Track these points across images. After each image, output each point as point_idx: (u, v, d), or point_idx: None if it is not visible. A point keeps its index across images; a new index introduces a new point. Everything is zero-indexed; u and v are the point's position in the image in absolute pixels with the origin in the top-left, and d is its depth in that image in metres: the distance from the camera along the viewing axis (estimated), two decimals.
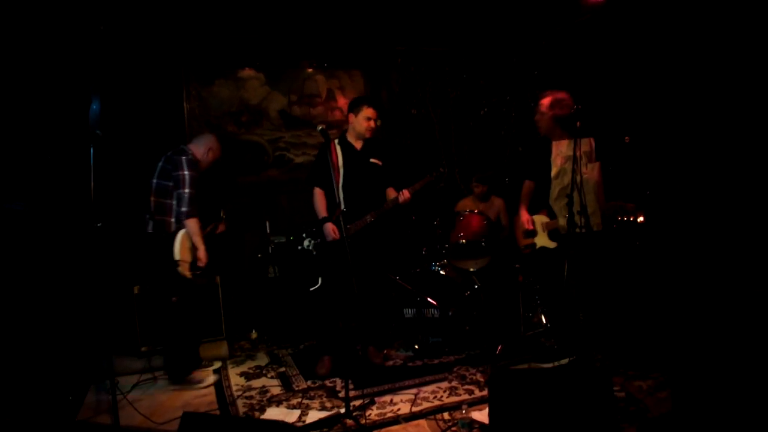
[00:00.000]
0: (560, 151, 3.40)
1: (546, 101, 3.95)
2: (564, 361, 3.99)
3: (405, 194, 4.11)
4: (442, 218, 5.04)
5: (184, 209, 3.88)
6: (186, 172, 3.89)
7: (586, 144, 3.31)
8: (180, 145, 4.08)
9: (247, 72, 5.74)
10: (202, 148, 4.15)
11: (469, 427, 3.04)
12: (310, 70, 5.95)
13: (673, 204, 4.22)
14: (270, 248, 5.21)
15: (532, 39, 6.07)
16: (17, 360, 3.88)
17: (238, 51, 5.66)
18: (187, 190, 3.88)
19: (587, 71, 5.36)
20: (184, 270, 3.92)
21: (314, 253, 4.21)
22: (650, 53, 4.59)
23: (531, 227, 4.12)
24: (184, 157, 3.94)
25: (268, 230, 5.33)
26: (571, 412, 2.53)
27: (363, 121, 4.17)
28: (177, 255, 3.88)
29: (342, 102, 6.09)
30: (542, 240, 4.14)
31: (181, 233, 3.92)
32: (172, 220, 3.92)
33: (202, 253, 3.98)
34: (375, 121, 4.20)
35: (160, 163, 4.00)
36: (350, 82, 6.15)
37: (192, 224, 3.91)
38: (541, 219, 4.16)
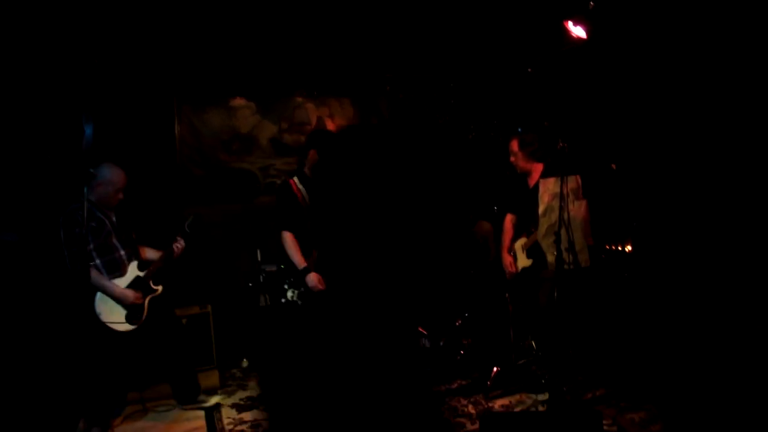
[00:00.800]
0: (547, 188, 3.46)
1: (514, 142, 4.25)
2: (553, 394, 4.02)
3: None
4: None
5: (71, 269, 3.72)
6: (62, 231, 3.72)
7: (573, 181, 3.38)
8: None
9: (238, 101, 5.78)
10: (92, 188, 3.82)
11: None
12: (300, 98, 6.00)
13: (659, 234, 4.29)
14: (261, 277, 5.22)
15: (518, 66, 6.17)
16: (6, 389, 3.86)
17: (229, 80, 5.70)
18: (65, 251, 3.71)
19: (572, 98, 5.47)
20: (123, 328, 3.81)
21: (299, 302, 3.99)
22: (634, 83, 4.69)
23: (513, 270, 4.28)
24: (61, 216, 3.76)
25: (259, 258, 5.34)
26: None
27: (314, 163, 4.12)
28: (103, 317, 3.77)
29: (331, 128, 6.14)
30: (522, 261, 4.27)
31: (96, 296, 3.77)
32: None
33: (126, 296, 3.82)
34: None
35: None
36: (340, 109, 6.20)
37: (92, 277, 3.74)
38: (520, 242, 4.28)
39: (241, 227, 5.69)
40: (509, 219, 4.41)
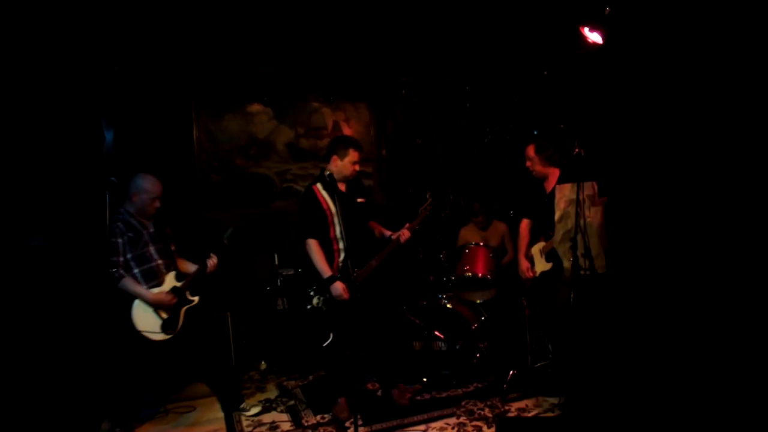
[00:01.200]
0: (563, 194, 3.47)
1: (531, 147, 4.24)
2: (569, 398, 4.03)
3: (405, 234, 4.10)
4: (447, 250, 5.11)
5: (112, 277, 3.81)
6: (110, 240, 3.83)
7: (589, 187, 3.38)
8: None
9: (256, 107, 5.85)
10: (129, 198, 3.97)
11: None
12: (316, 103, 6.06)
13: (675, 235, 4.26)
14: (279, 281, 5.28)
15: (534, 69, 6.17)
16: (32, 390, 3.94)
17: (246, 87, 5.77)
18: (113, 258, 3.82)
19: (588, 101, 5.45)
20: (157, 337, 3.86)
21: (324, 309, 3.98)
22: (648, 84, 4.67)
23: (530, 275, 4.25)
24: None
25: (276, 262, 5.41)
26: None
27: (349, 165, 4.01)
28: (139, 326, 3.82)
29: (348, 132, 6.20)
30: (540, 265, 4.23)
31: (134, 304, 3.84)
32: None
33: (160, 300, 3.88)
34: (358, 164, 4.06)
35: None
36: (356, 113, 6.25)
37: (126, 285, 3.82)
38: (538, 247, 4.26)
39: (259, 232, 5.76)
40: (525, 224, 4.41)
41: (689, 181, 3.89)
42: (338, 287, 3.88)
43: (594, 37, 4.32)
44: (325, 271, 3.93)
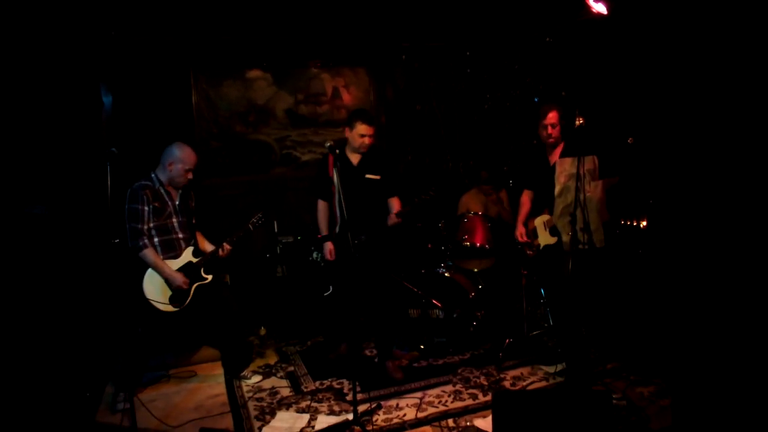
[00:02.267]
0: (564, 168, 3.47)
1: (555, 113, 4.03)
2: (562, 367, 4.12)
3: (392, 218, 4.19)
4: (446, 220, 5.14)
5: (131, 244, 3.85)
6: (126, 206, 3.85)
7: (590, 162, 3.38)
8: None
9: (255, 72, 5.79)
10: (164, 167, 3.98)
11: None
12: (315, 69, 6.00)
13: (676, 209, 4.28)
14: (278, 248, 5.32)
15: (535, 34, 6.09)
16: (36, 356, 4.02)
17: (245, 52, 5.71)
18: (127, 225, 3.84)
19: (590, 69, 5.41)
20: (165, 308, 3.91)
21: (322, 264, 4.42)
22: (654, 55, 4.62)
23: (525, 239, 4.26)
24: (129, 190, 3.90)
25: (276, 230, 5.43)
26: (571, 430, 2.65)
27: (357, 137, 4.11)
28: (148, 294, 3.87)
29: (347, 99, 6.16)
30: (544, 238, 4.23)
31: (148, 271, 3.90)
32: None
33: (174, 278, 3.92)
34: (370, 137, 4.12)
35: None
36: (355, 79, 6.19)
37: (147, 255, 3.86)
38: (542, 219, 4.24)
39: (258, 198, 5.77)
40: (526, 194, 4.40)
41: (698, 159, 3.89)
42: (326, 248, 4.28)
43: (599, 7, 4.25)
44: (321, 230, 4.38)
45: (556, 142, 4.10)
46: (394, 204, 4.29)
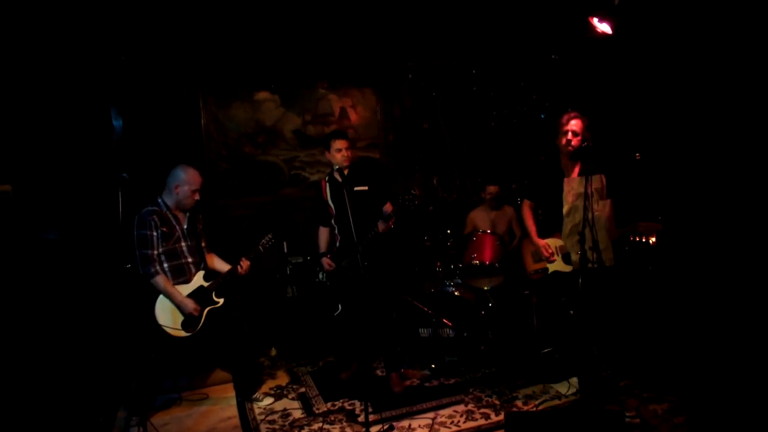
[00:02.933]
0: (572, 187, 3.47)
1: (581, 123, 3.83)
2: (573, 380, 4.09)
3: (380, 225, 4.17)
4: (454, 238, 5.15)
5: (142, 271, 3.85)
6: (135, 232, 3.86)
7: (597, 181, 3.39)
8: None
9: (263, 94, 5.85)
10: (170, 191, 3.98)
11: None
12: (323, 90, 6.05)
13: (686, 225, 4.28)
14: (288, 269, 5.34)
15: (541, 52, 6.14)
16: (50, 379, 4.04)
17: (253, 74, 5.78)
18: (137, 252, 3.84)
19: (596, 86, 5.44)
20: (177, 333, 3.92)
21: (328, 284, 4.50)
22: (659, 72, 4.65)
23: (550, 253, 4.07)
24: (137, 216, 3.89)
25: (285, 250, 5.46)
26: None
27: (335, 153, 4.23)
28: (160, 321, 3.89)
29: (355, 118, 6.21)
30: (556, 264, 4.14)
31: (159, 297, 3.91)
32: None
33: (185, 305, 3.92)
34: (346, 150, 4.24)
35: None
36: (362, 99, 6.24)
37: (158, 282, 3.86)
38: (555, 242, 4.14)
39: (268, 219, 5.81)
40: (527, 205, 4.30)
41: (706, 174, 3.90)
42: (323, 261, 4.49)
43: (603, 27, 4.28)
44: (321, 249, 4.60)
45: (575, 155, 3.89)
46: (387, 208, 4.28)
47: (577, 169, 3.92)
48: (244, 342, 4.16)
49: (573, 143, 3.83)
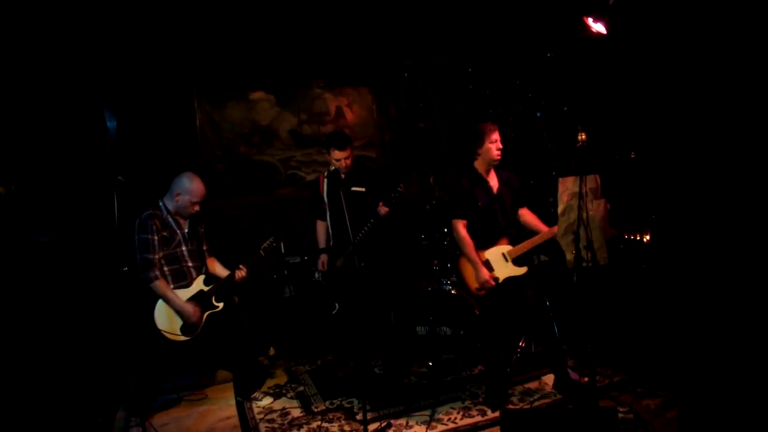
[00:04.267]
0: (566, 187, 3.50)
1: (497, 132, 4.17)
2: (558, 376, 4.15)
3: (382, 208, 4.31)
4: (451, 237, 5.16)
5: (142, 275, 3.86)
6: (136, 236, 3.87)
7: (592, 181, 3.42)
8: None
9: (258, 94, 5.86)
10: (171, 196, 4.00)
11: None
12: (318, 89, 6.07)
13: (679, 223, 4.30)
14: (285, 270, 5.36)
15: (536, 50, 6.15)
16: (49, 381, 4.05)
17: (248, 74, 5.79)
18: (138, 255, 3.85)
19: (592, 84, 5.46)
20: (176, 338, 3.93)
21: (324, 283, 4.60)
22: (654, 70, 4.67)
23: (493, 284, 4.11)
24: (138, 220, 3.91)
25: (282, 250, 5.48)
26: None
27: (334, 161, 4.41)
28: (159, 325, 3.90)
29: (350, 117, 6.23)
30: (507, 270, 4.15)
31: (158, 302, 3.91)
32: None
33: (185, 310, 3.93)
34: (345, 159, 4.37)
35: None
36: (358, 98, 6.26)
37: (158, 287, 3.87)
38: (501, 249, 4.15)
39: (264, 219, 5.83)
40: (461, 224, 4.21)
41: (700, 172, 3.91)
42: (319, 259, 4.65)
43: (598, 27, 4.30)
44: (319, 245, 4.73)
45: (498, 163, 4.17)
46: (382, 210, 4.39)
47: (493, 174, 4.25)
48: (246, 341, 4.18)
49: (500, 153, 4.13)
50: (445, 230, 5.21)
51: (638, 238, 4.17)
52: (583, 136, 5.25)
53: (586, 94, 5.51)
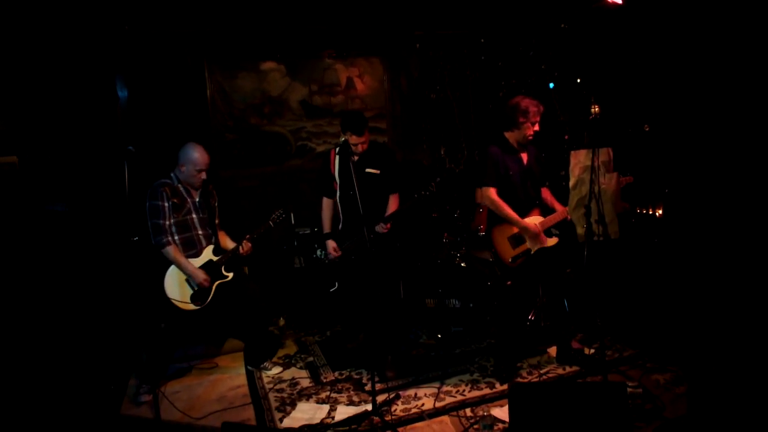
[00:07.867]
0: (578, 160, 3.46)
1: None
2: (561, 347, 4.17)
3: (380, 226, 4.21)
4: (462, 209, 5.15)
5: (154, 241, 3.88)
6: (147, 203, 3.88)
7: (605, 154, 3.38)
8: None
9: (269, 64, 5.81)
10: (178, 168, 4.00)
11: (491, 427, 3.20)
12: (329, 60, 6.00)
13: (692, 197, 4.26)
14: (295, 241, 5.37)
15: (550, 21, 6.04)
16: (61, 350, 4.12)
17: (258, 44, 5.72)
18: (149, 222, 3.87)
19: (606, 56, 5.36)
20: (186, 306, 3.96)
21: (326, 261, 4.45)
22: (670, 42, 4.57)
23: (546, 241, 4.04)
24: (149, 189, 3.92)
25: (292, 221, 5.48)
26: (586, 422, 2.68)
27: (351, 145, 4.16)
28: (169, 293, 3.92)
29: (361, 88, 6.17)
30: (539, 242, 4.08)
31: (169, 270, 3.93)
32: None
33: (197, 275, 3.95)
34: (363, 144, 4.15)
35: None
36: (369, 69, 6.19)
37: (169, 252, 3.89)
38: (533, 221, 4.04)
39: (274, 190, 5.82)
40: (494, 192, 4.07)
41: (713, 147, 3.86)
42: (329, 245, 4.40)
43: None
44: (324, 228, 4.50)
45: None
46: (391, 204, 4.34)
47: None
48: (257, 311, 4.22)
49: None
50: (456, 203, 5.20)
51: (650, 212, 4.12)
52: (596, 109, 5.16)
53: (600, 65, 5.41)
